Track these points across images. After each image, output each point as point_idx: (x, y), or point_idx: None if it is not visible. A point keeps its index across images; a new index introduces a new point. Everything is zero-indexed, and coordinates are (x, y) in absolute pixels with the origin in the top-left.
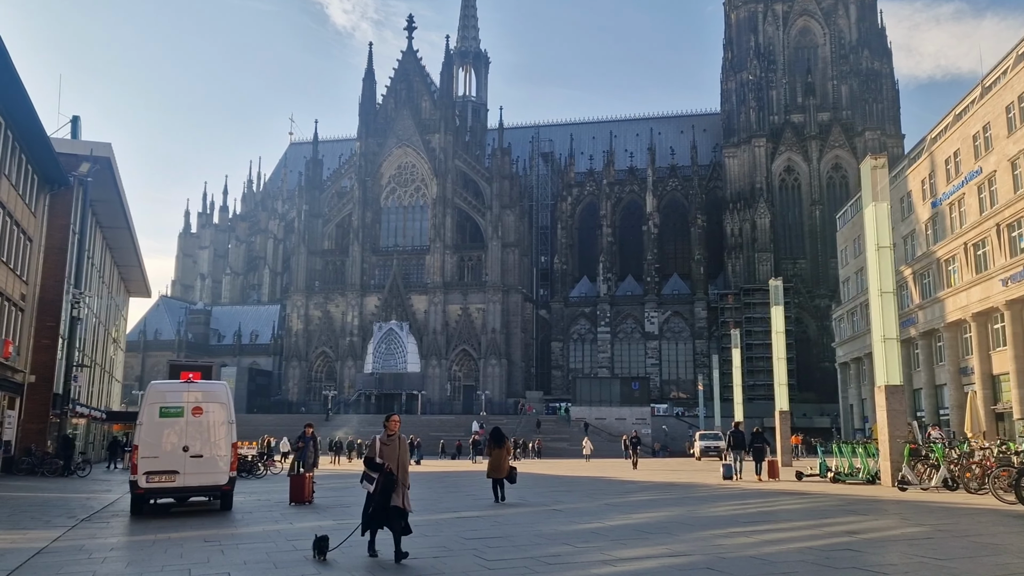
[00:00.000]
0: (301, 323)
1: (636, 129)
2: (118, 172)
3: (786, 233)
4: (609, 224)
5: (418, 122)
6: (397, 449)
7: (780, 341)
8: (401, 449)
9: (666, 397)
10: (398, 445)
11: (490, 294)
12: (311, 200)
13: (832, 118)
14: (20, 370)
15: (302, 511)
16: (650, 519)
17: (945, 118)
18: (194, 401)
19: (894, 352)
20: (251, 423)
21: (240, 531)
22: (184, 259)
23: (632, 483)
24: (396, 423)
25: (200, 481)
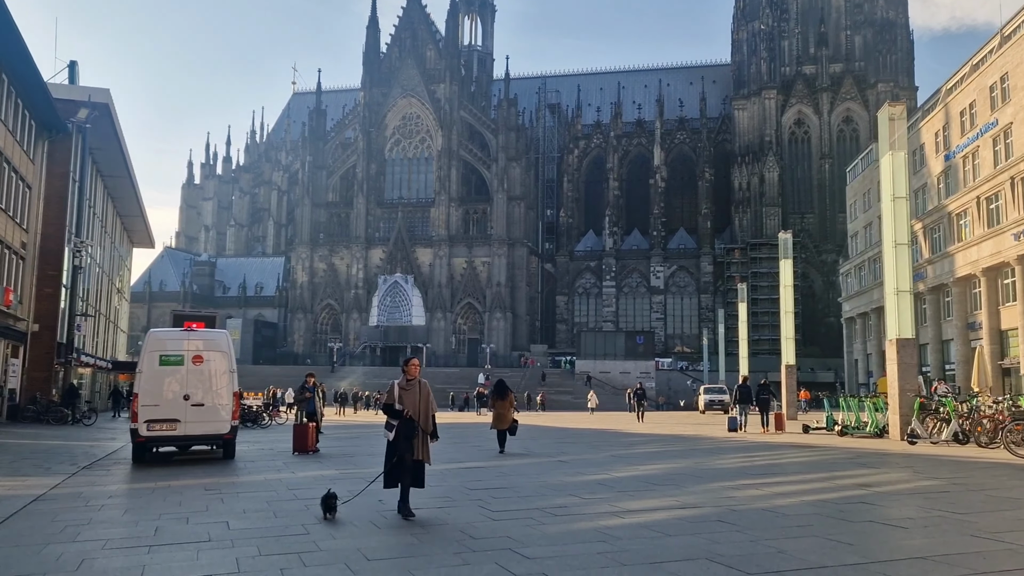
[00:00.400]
0: (306, 275)
1: (645, 80)
2: (117, 119)
3: (794, 187)
4: (616, 177)
5: (423, 72)
6: (417, 395)
7: (788, 295)
8: (422, 395)
9: (670, 351)
10: (419, 390)
11: (495, 247)
12: (315, 151)
13: (844, 70)
14: (22, 318)
15: (305, 460)
16: (657, 471)
17: (961, 69)
18: (195, 350)
19: (907, 305)
20: (257, 374)
21: (241, 480)
22: (188, 210)
23: (637, 435)
24: (416, 367)
25: (202, 430)
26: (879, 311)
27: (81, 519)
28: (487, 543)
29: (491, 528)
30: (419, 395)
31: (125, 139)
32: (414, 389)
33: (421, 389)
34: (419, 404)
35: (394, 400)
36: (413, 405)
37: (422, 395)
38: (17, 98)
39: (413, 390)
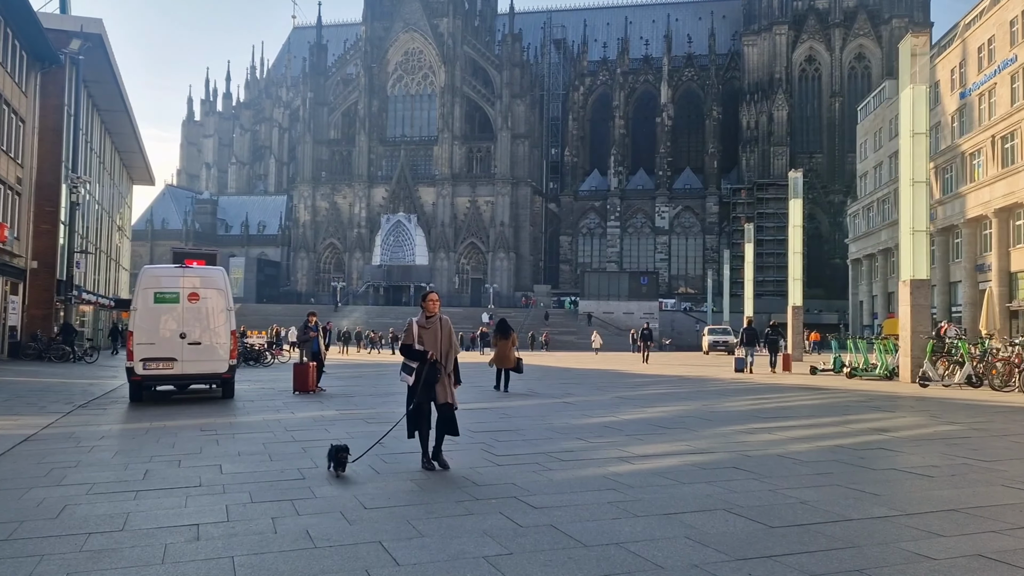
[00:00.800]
0: (308, 214)
1: (652, 15)
2: (111, 49)
3: (803, 126)
4: (622, 116)
5: (425, 5)
6: (438, 333)
7: (796, 235)
8: (444, 332)
9: (674, 292)
10: (439, 328)
11: (499, 187)
12: (316, 87)
13: (858, 4)
14: (19, 255)
15: (305, 400)
16: (665, 413)
17: (981, 2)
18: (191, 287)
19: (923, 245)
20: (260, 312)
21: (239, 420)
22: (188, 148)
23: (643, 376)
24: (435, 302)
25: (199, 369)
26: (886, 252)
27: (69, 461)
28: (491, 491)
29: (496, 474)
30: (440, 333)
31: (120, 72)
32: (435, 327)
33: (443, 326)
34: (440, 343)
35: (413, 340)
36: (435, 345)
37: (444, 333)
38: (6, 27)
39: (434, 328)
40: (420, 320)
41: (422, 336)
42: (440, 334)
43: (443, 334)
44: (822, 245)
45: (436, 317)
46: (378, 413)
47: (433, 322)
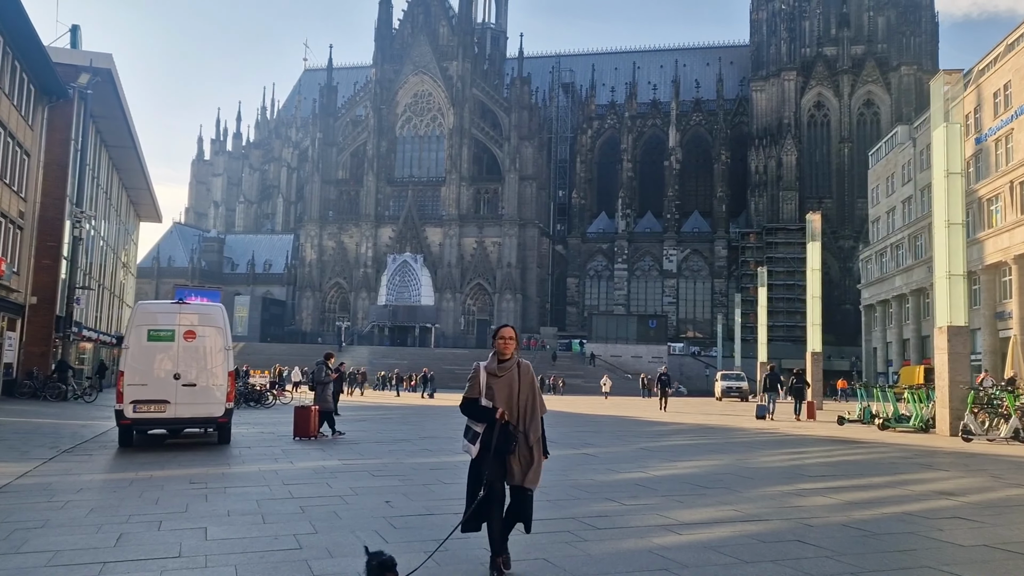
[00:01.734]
0: (315, 253)
1: (660, 60)
2: (120, 84)
3: (812, 171)
4: (630, 159)
5: (435, 48)
6: (515, 383)
7: (815, 279)
8: (523, 383)
9: (681, 336)
10: (517, 377)
11: (506, 228)
12: (325, 128)
13: (866, 51)
14: (17, 290)
15: (306, 447)
16: (698, 469)
17: (996, 48)
18: (187, 324)
19: (960, 290)
20: (264, 352)
21: (233, 470)
22: (197, 186)
23: (662, 424)
24: (510, 342)
25: (193, 412)
26: (901, 298)
27: (37, 519)
28: (521, 567)
29: (523, 545)
30: (518, 384)
31: (130, 108)
32: (510, 375)
33: (522, 375)
34: (518, 399)
35: (478, 393)
36: (510, 401)
37: (523, 383)
38: (15, 60)
39: (509, 377)
40: (490, 366)
41: (492, 387)
42: (518, 385)
43: (522, 385)
44: (832, 290)
45: (512, 362)
46: (386, 464)
47: (508, 368)
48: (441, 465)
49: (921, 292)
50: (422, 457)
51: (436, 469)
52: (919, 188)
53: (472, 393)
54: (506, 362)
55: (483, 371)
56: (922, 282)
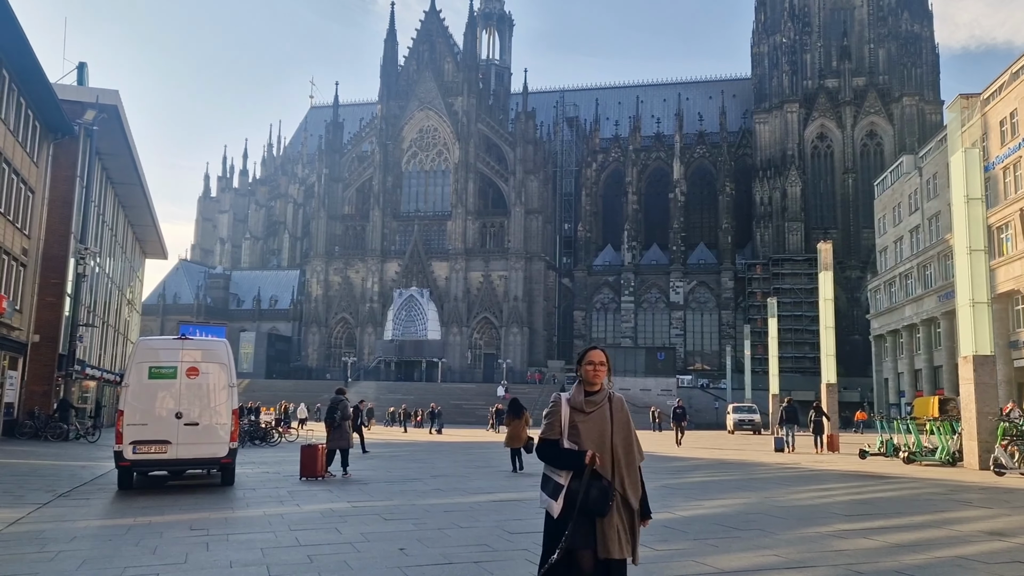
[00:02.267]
0: (321, 289)
1: (663, 94)
2: (127, 121)
3: (817, 202)
4: (635, 191)
5: (440, 84)
6: (607, 422)
7: (828, 309)
8: (617, 422)
9: (689, 368)
10: (609, 414)
11: (512, 261)
12: (331, 164)
13: (868, 83)
14: (18, 328)
15: (313, 488)
16: (726, 508)
17: (1000, 77)
18: (190, 361)
19: (984, 317)
20: (270, 388)
21: (236, 515)
22: (204, 223)
23: (678, 459)
24: (601, 369)
25: (195, 453)
26: (911, 328)
27: (24, 573)
28: None
29: None
30: (612, 424)
31: (136, 145)
32: (601, 412)
33: (615, 412)
34: (611, 442)
35: (560, 432)
36: (601, 444)
37: (618, 424)
38: (20, 96)
39: (600, 414)
40: (575, 399)
41: (577, 427)
42: (611, 425)
43: (616, 425)
44: (840, 321)
45: (603, 394)
46: (397, 507)
47: (598, 403)
48: (456, 507)
49: (932, 322)
50: (435, 498)
51: (451, 511)
52: (927, 217)
53: (551, 433)
54: (596, 394)
55: (565, 405)
56: (932, 311)
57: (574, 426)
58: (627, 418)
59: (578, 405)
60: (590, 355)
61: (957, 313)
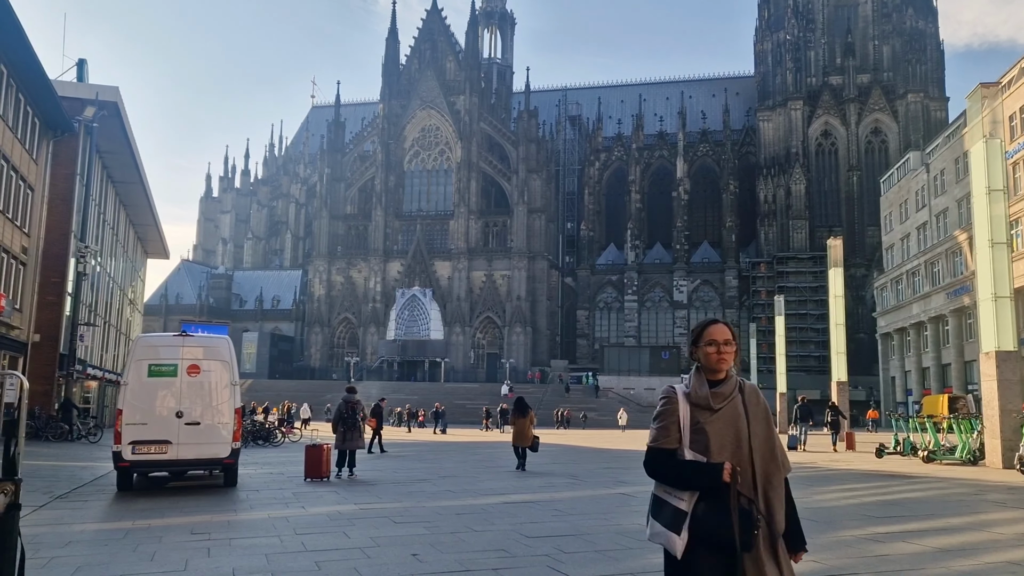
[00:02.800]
0: (323, 288)
1: (666, 92)
2: (127, 118)
3: (821, 200)
4: (638, 190)
5: (442, 83)
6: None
7: (838, 306)
8: (755, 420)
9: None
10: (742, 409)
11: (515, 261)
12: (333, 163)
13: (872, 80)
14: (18, 327)
15: (319, 490)
16: None
17: (1010, 71)
18: (191, 358)
19: (1007, 312)
20: (273, 388)
21: (240, 517)
22: (206, 224)
23: None
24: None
25: (196, 453)
26: (919, 326)
27: None
28: None
29: None
30: (748, 423)
31: (137, 143)
32: (732, 408)
33: (749, 405)
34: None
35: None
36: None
37: (756, 421)
38: (19, 93)
39: (731, 410)
40: (696, 392)
41: (703, 428)
42: (746, 424)
43: (753, 423)
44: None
45: (732, 383)
46: (407, 509)
47: (728, 396)
48: (467, 509)
49: (940, 319)
50: (445, 500)
51: (463, 514)
52: (934, 214)
53: (666, 440)
54: (723, 384)
55: (683, 400)
56: (940, 309)
57: (698, 429)
58: (766, 413)
59: (701, 400)
60: (711, 332)
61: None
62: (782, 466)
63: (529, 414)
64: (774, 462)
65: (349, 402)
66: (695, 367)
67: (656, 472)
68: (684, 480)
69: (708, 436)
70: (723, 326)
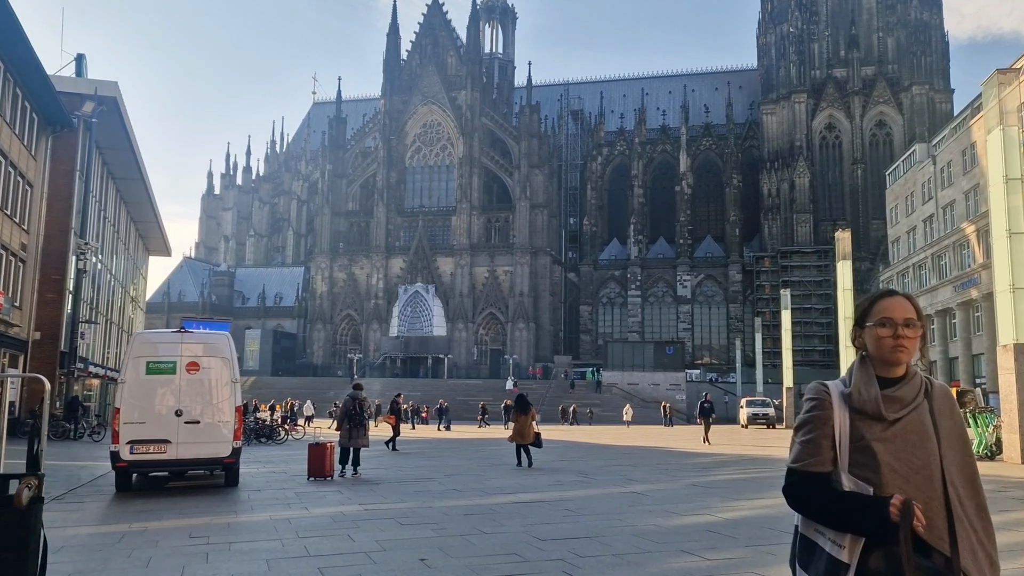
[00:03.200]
0: (325, 285)
1: (669, 86)
2: (127, 114)
3: (825, 194)
4: (640, 184)
5: (444, 79)
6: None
7: (848, 299)
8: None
9: (696, 362)
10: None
11: (518, 256)
12: (334, 160)
13: (877, 72)
14: (17, 325)
15: (322, 489)
16: (770, 510)
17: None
18: (190, 355)
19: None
20: (275, 386)
21: (240, 519)
22: (207, 221)
23: (701, 456)
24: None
25: (196, 452)
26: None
27: None
28: None
29: None
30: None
31: (137, 139)
32: (916, 419)
33: (938, 415)
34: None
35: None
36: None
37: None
38: (16, 88)
39: (913, 422)
40: (860, 393)
41: (870, 445)
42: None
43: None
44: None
45: (915, 383)
46: (413, 509)
47: (908, 400)
48: (476, 509)
49: (947, 313)
50: (452, 499)
51: (471, 514)
52: (941, 206)
53: (813, 461)
54: (901, 384)
55: (838, 405)
56: (947, 302)
57: (863, 447)
58: (962, 427)
59: (868, 406)
60: (884, 306)
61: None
62: (982, 506)
63: (531, 411)
64: (976, 497)
65: (356, 399)
66: (859, 357)
67: (801, 504)
68: (840, 519)
69: (877, 458)
70: (903, 300)
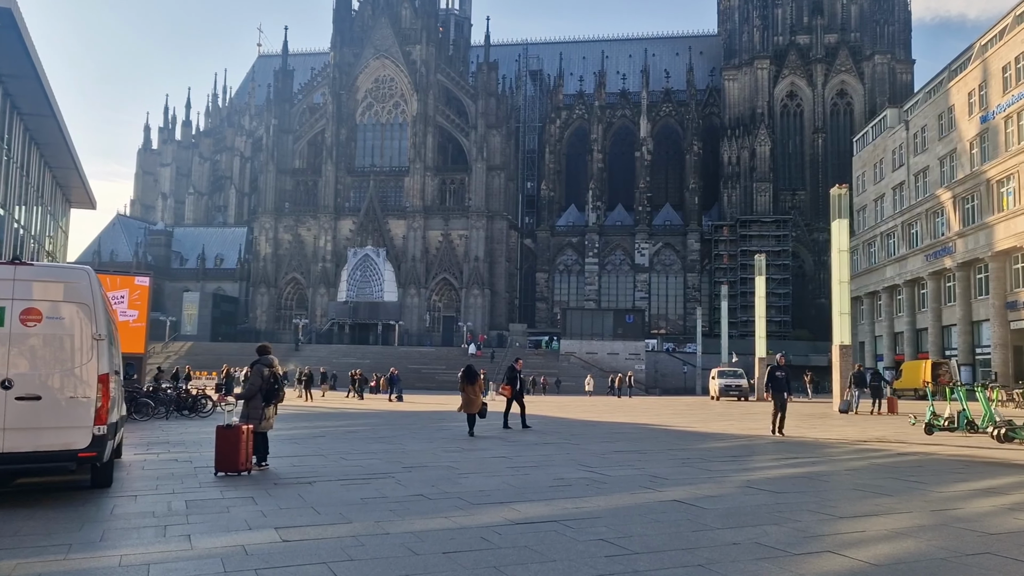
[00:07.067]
0: (270, 247)
1: (629, 50)
2: (27, 32)
3: (785, 162)
4: (600, 149)
5: (398, 32)
6: None
7: (843, 261)
8: None
9: (653, 332)
10: None
11: (473, 220)
12: (280, 114)
13: (840, 40)
14: None
15: (228, 495)
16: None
17: (1003, 20)
18: (26, 298)
19: None
20: (214, 351)
21: (69, 564)
22: (144, 177)
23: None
24: None
25: (34, 443)
26: (892, 290)
27: None
28: None
29: None
30: None
31: (45, 67)
32: None
33: None
34: None
35: None
36: None
37: None
38: None
39: None
40: None
41: None
42: None
43: None
44: (806, 284)
45: None
46: (360, 538)
47: None
48: (459, 536)
49: (916, 282)
50: (420, 515)
51: (455, 551)
52: (913, 173)
53: None
54: None
55: None
56: (918, 272)
57: None
58: None
59: None
60: None
61: None
62: None
63: (478, 381)
64: None
65: (271, 366)
66: None
67: None
68: None
69: None
70: None
